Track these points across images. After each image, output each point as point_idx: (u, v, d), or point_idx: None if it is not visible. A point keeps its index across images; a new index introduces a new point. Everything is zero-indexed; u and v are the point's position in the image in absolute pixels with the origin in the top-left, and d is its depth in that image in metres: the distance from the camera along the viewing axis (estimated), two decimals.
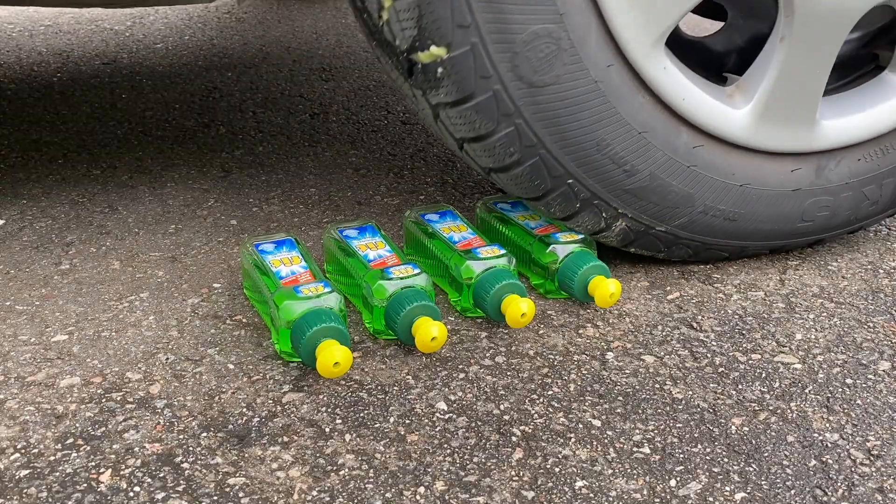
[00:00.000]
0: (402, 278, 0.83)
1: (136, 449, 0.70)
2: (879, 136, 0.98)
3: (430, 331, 0.78)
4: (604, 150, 0.85)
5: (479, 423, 0.73)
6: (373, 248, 0.90)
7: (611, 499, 0.64)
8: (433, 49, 0.77)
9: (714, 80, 0.95)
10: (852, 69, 1.02)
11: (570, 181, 0.86)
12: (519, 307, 0.82)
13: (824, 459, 0.68)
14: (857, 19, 0.89)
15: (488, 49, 0.77)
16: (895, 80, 0.98)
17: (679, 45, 0.95)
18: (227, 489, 0.65)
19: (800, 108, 0.92)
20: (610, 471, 0.67)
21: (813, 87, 0.92)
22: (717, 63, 1.01)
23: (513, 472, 0.67)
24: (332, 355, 0.74)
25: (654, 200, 0.90)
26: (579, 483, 0.66)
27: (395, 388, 0.77)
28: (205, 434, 0.71)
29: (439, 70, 0.78)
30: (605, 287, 0.86)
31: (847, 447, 0.70)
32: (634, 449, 0.70)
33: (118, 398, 0.76)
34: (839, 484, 0.66)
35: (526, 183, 0.87)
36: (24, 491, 0.65)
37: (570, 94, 0.81)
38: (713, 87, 0.92)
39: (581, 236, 0.93)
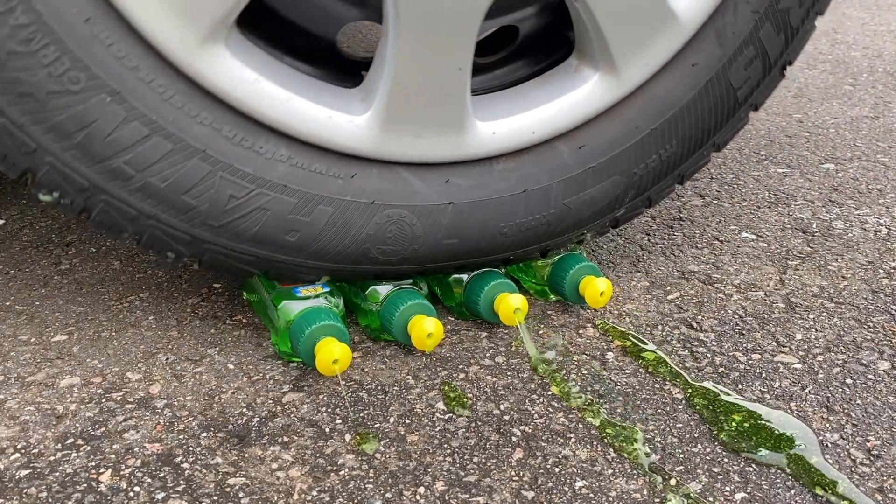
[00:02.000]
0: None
1: (136, 449, 0.69)
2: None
3: (425, 327, 0.78)
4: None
5: (479, 423, 0.73)
6: None
7: (611, 499, 0.64)
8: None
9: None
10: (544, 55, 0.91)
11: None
12: (511, 303, 0.82)
13: (824, 459, 0.68)
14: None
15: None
16: (579, 66, 0.85)
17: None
18: (227, 489, 0.65)
19: (440, 112, 0.80)
20: (610, 471, 0.67)
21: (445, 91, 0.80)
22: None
23: (513, 472, 0.67)
24: (331, 352, 0.74)
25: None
26: (579, 483, 0.66)
27: (395, 388, 0.77)
28: (205, 434, 0.71)
29: None
30: (595, 287, 0.86)
31: (847, 447, 0.70)
32: (634, 449, 0.70)
33: (118, 398, 0.76)
34: (839, 484, 0.66)
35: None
36: (24, 491, 0.65)
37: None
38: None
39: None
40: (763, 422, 0.73)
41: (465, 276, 0.87)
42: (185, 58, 0.69)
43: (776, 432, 0.71)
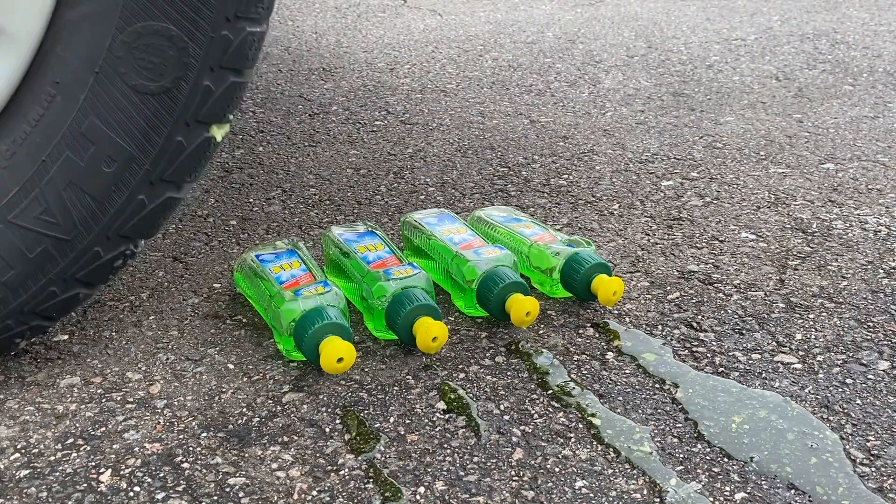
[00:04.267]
0: (401, 278, 0.83)
1: (136, 449, 0.70)
2: None
3: (431, 331, 0.78)
4: None
5: (479, 423, 0.73)
6: (372, 249, 0.90)
7: (611, 499, 0.64)
8: None
9: None
10: None
11: None
12: (523, 306, 0.82)
13: (824, 459, 0.68)
14: None
15: None
16: None
17: None
18: (227, 489, 0.65)
19: None
20: (610, 471, 0.67)
21: None
22: None
23: (513, 472, 0.67)
24: (337, 350, 0.74)
25: None
26: (579, 483, 0.66)
27: (395, 388, 0.77)
28: (205, 434, 0.71)
29: None
30: (608, 286, 0.86)
31: (847, 447, 0.70)
32: (634, 449, 0.70)
33: (118, 398, 0.76)
34: (839, 483, 0.66)
35: None
36: (24, 491, 0.65)
37: None
38: None
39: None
40: (763, 422, 0.73)
41: (477, 271, 0.86)
42: None
43: (776, 432, 0.71)
